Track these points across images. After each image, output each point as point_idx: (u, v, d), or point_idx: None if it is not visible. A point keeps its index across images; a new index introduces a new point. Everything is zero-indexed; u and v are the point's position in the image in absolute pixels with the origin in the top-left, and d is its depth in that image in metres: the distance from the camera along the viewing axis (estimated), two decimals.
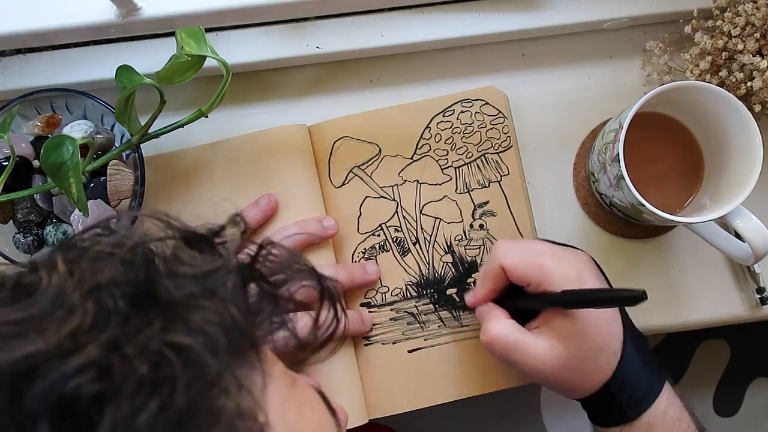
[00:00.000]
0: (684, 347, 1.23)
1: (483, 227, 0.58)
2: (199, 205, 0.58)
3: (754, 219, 0.49)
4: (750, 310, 0.59)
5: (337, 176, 0.59)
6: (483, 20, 0.58)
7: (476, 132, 0.59)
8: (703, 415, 1.22)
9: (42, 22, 0.49)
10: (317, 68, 0.61)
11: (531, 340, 0.48)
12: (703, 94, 0.50)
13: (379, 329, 0.57)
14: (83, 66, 0.58)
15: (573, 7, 0.58)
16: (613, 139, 0.50)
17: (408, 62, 0.61)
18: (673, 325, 0.59)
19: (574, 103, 0.60)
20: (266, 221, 0.57)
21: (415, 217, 0.58)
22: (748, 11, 0.51)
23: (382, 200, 0.58)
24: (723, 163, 0.52)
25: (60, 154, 0.47)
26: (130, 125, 0.52)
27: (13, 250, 0.54)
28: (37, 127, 0.54)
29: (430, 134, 0.59)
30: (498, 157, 0.59)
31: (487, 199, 0.58)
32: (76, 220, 0.53)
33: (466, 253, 0.58)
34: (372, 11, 0.58)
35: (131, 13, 0.49)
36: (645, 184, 0.49)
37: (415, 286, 0.58)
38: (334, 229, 0.57)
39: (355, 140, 0.59)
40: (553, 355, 0.47)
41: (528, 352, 0.48)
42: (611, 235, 0.59)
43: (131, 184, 0.54)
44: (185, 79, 0.51)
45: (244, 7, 0.49)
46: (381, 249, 0.58)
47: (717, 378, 1.23)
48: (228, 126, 0.60)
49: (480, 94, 0.59)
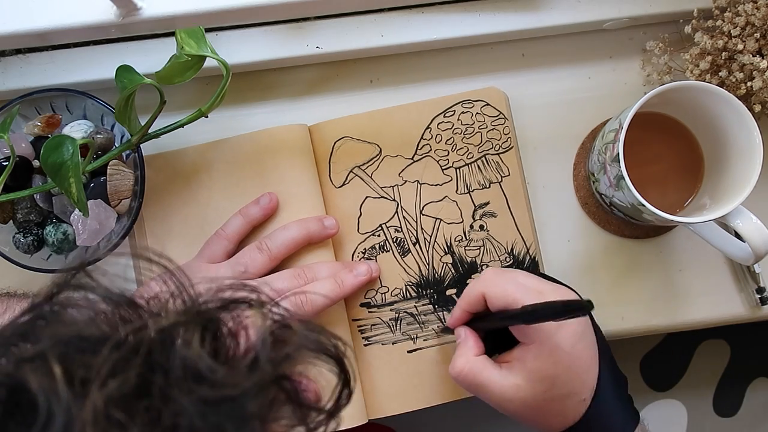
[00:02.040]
0: (684, 347, 1.23)
1: (483, 228, 0.58)
2: (199, 205, 0.58)
3: (754, 219, 0.49)
4: (750, 310, 0.59)
5: (337, 176, 0.59)
6: (483, 20, 0.58)
7: (477, 133, 0.58)
8: (703, 415, 1.22)
9: (42, 22, 0.49)
10: (317, 68, 0.61)
11: (497, 377, 0.47)
12: (703, 94, 0.50)
13: (378, 329, 0.57)
14: (83, 66, 0.58)
15: (573, 7, 0.58)
16: (613, 139, 0.50)
17: (408, 62, 0.61)
18: (673, 325, 0.59)
19: (574, 103, 0.60)
20: (266, 220, 0.57)
21: (416, 218, 0.58)
22: (748, 11, 0.51)
23: (383, 200, 0.58)
24: (723, 163, 0.52)
25: (60, 154, 0.47)
26: (130, 125, 0.52)
27: (13, 249, 0.54)
28: (37, 127, 0.54)
29: (431, 135, 0.59)
30: (499, 158, 0.59)
31: (488, 200, 0.58)
32: (76, 220, 0.53)
33: (466, 253, 0.58)
34: (372, 11, 0.58)
35: (131, 13, 0.49)
36: (645, 184, 0.49)
37: (414, 286, 0.58)
38: (334, 228, 0.57)
39: (356, 140, 0.59)
40: (518, 395, 0.47)
41: (493, 389, 0.47)
42: (611, 235, 0.59)
43: (131, 184, 0.54)
44: (185, 79, 0.51)
45: (244, 7, 0.49)
46: (381, 249, 0.58)
47: (717, 378, 1.23)
48: (228, 126, 0.60)
49: (481, 95, 0.58)
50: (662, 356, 1.21)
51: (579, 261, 0.59)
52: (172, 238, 0.57)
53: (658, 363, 1.21)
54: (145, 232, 0.58)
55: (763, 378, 1.24)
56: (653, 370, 1.21)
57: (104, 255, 0.54)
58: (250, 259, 0.54)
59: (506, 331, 0.49)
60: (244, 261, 0.54)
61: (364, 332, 0.58)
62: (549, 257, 0.59)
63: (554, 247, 0.59)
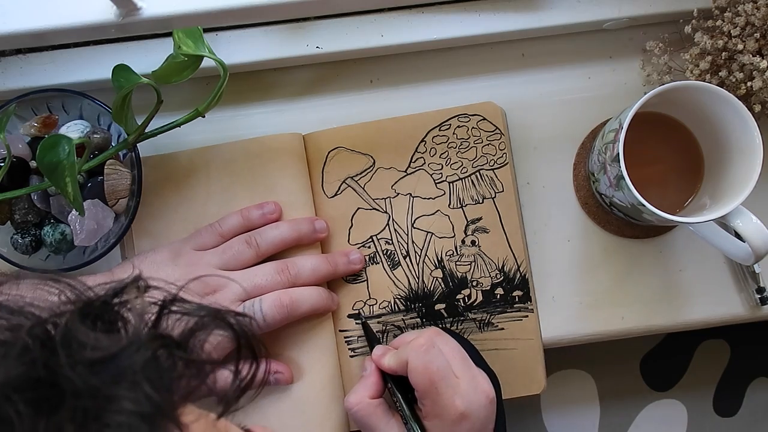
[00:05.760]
0: (684, 347, 1.23)
1: (475, 243, 0.58)
2: (195, 205, 0.57)
3: (754, 219, 0.49)
4: (750, 310, 0.59)
5: (330, 186, 0.58)
6: (483, 20, 0.58)
7: (472, 147, 0.58)
8: (703, 415, 1.22)
9: (42, 22, 0.49)
10: (317, 68, 0.61)
11: (383, 424, 0.50)
12: (703, 94, 0.50)
13: (364, 341, 0.57)
14: (83, 66, 0.57)
15: (573, 7, 0.58)
16: (613, 139, 0.50)
17: (408, 62, 0.61)
18: (673, 325, 0.59)
19: (574, 103, 0.60)
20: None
21: (407, 231, 0.58)
22: (748, 11, 0.51)
23: (374, 212, 0.58)
24: (723, 163, 0.52)
25: (56, 153, 0.47)
26: (127, 125, 0.51)
27: (11, 250, 0.54)
28: (33, 127, 0.54)
29: (425, 148, 0.58)
30: (493, 174, 0.58)
31: (480, 216, 0.58)
32: (73, 220, 0.53)
33: (457, 268, 0.58)
34: (372, 11, 0.58)
35: (131, 13, 0.49)
36: (645, 184, 0.49)
37: (403, 299, 0.58)
38: (324, 232, 0.57)
39: (350, 151, 0.58)
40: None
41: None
42: (611, 235, 0.59)
43: (128, 184, 0.54)
44: (182, 78, 0.51)
45: (243, 7, 0.49)
46: (371, 261, 0.58)
47: (717, 378, 1.23)
48: (227, 126, 0.59)
49: (477, 110, 0.58)
50: (662, 356, 1.21)
51: (579, 261, 0.59)
52: (168, 237, 0.57)
53: (658, 363, 1.21)
54: (133, 238, 0.58)
55: (763, 378, 1.24)
56: (653, 370, 1.21)
57: (103, 254, 0.54)
58: (237, 251, 0.54)
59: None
60: (231, 253, 0.54)
61: (350, 343, 0.57)
62: (549, 257, 0.59)
63: (554, 247, 0.59)
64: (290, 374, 0.55)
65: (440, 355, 0.49)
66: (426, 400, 0.49)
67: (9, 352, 0.25)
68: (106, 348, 0.26)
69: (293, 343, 0.56)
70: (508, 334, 0.57)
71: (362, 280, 0.58)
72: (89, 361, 0.25)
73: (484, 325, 0.57)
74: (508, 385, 0.56)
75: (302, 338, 0.56)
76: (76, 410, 0.24)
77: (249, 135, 0.59)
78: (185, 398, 0.28)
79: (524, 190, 0.60)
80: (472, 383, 0.49)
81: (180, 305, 0.30)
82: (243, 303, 0.52)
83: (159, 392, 0.25)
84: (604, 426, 1.15)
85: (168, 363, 0.27)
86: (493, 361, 0.55)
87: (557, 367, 1.11)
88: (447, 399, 0.48)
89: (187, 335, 0.29)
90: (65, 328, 0.26)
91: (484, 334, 0.57)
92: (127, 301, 0.29)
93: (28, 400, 0.24)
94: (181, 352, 0.28)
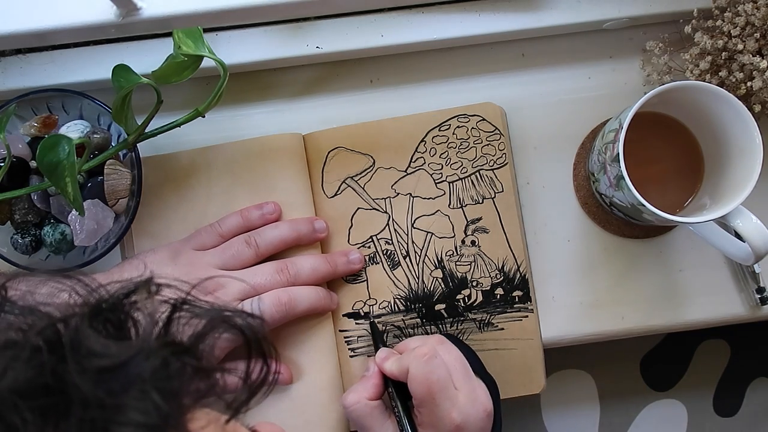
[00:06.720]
0: (684, 347, 1.23)
1: (475, 243, 0.58)
2: (194, 205, 0.57)
3: (754, 219, 0.49)
4: (750, 310, 0.59)
5: (329, 186, 0.58)
6: (483, 20, 0.58)
7: (472, 147, 0.58)
8: (703, 415, 1.22)
9: (42, 22, 0.49)
10: (317, 68, 0.61)
11: (378, 425, 0.50)
12: (703, 94, 0.50)
13: (365, 341, 0.57)
14: (83, 66, 0.57)
15: (573, 7, 0.58)
16: (613, 139, 0.50)
17: (408, 62, 0.61)
18: (673, 325, 0.59)
19: (574, 103, 0.60)
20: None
21: (407, 231, 0.58)
22: (748, 11, 0.51)
23: (374, 212, 0.58)
24: (723, 163, 0.52)
25: (56, 153, 0.47)
26: (126, 125, 0.51)
27: (11, 250, 0.54)
28: (33, 127, 0.54)
29: (425, 148, 0.58)
30: (493, 174, 0.58)
31: (480, 216, 0.58)
32: (73, 220, 0.53)
33: (457, 269, 0.58)
34: (372, 11, 0.58)
35: (131, 13, 0.49)
36: (645, 184, 0.49)
37: (403, 300, 0.58)
38: (324, 232, 0.57)
39: (350, 151, 0.58)
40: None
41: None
42: (611, 235, 0.59)
43: (128, 184, 0.54)
44: (182, 78, 0.51)
45: (243, 7, 0.49)
46: (371, 261, 0.58)
47: (717, 378, 1.23)
48: (227, 126, 0.59)
49: (477, 110, 0.58)
50: (662, 356, 1.21)
51: (579, 261, 0.59)
52: (168, 237, 0.57)
53: (658, 363, 1.21)
54: (133, 238, 0.58)
55: (763, 378, 1.24)
56: (653, 370, 1.21)
57: (103, 254, 0.54)
58: (236, 251, 0.54)
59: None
60: (230, 253, 0.54)
61: (350, 343, 0.57)
62: (549, 257, 0.59)
63: (554, 247, 0.59)
64: (290, 374, 0.55)
65: (441, 366, 0.49)
66: (423, 409, 0.49)
67: (19, 355, 0.24)
68: (116, 355, 0.25)
69: (293, 343, 0.56)
70: (508, 334, 0.57)
71: (362, 280, 0.58)
72: (98, 369, 0.25)
73: (484, 325, 0.57)
74: (507, 385, 0.56)
75: (302, 338, 0.56)
76: (83, 421, 0.24)
77: (249, 135, 0.59)
78: (194, 404, 0.28)
79: (524, 190, 0.60)
80: (470, 396, 0.49)
81: (190, 307, 0.30)
82: (242, 302, 0.53)
83: (167, 401, 0.25)
84: (604, 426, 1.15)
85: (177, 369, 0.27)
86: (493, 361, 0.55)
87: (557, 367, 1.11)
88: (444, 411, 0.48)
89: (196, 339, 0.29)
90: (75, 331, 0.26)
91: (484, 334, 0.57)
92: (137, 302, 0.29)
93: (35, 408, 0.23)
94: (190, 359, 0.28)
